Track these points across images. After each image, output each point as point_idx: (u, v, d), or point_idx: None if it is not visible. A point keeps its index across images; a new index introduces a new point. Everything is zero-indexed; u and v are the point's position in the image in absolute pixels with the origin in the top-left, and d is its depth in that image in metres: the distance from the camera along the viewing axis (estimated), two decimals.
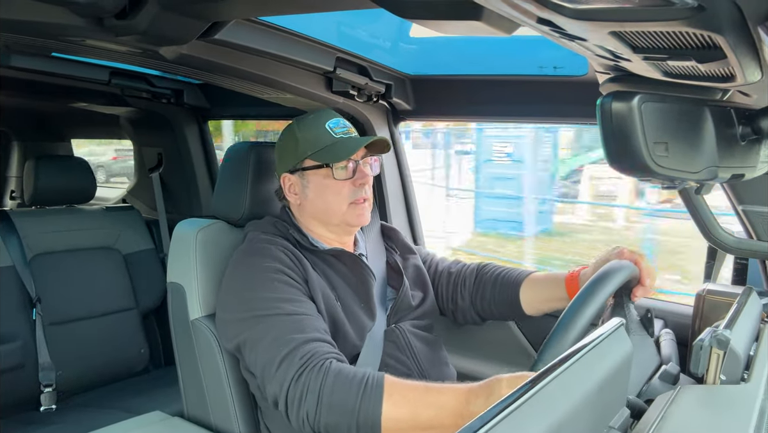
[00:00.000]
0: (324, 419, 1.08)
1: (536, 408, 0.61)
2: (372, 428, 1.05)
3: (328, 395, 1.08)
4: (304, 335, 1.17)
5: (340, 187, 1.35)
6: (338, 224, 1.38)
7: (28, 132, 3.51)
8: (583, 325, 1.04)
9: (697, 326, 1.51)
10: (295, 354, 1.13)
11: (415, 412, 1.04)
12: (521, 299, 1.46)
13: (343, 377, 1.09)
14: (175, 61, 1.49)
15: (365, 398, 1.06)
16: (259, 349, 1.19)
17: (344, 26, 1.73)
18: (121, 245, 2.58)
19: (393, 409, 1.05)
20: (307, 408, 1.09)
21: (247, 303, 1.25)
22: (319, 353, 1.14)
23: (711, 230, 1.52)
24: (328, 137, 1.35)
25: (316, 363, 1.12)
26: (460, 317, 1.57)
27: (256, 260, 1.30)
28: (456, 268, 1.59)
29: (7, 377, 2.09)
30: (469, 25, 0.84)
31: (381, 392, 1.06)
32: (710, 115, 0.84)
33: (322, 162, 1.34)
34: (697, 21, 0.53)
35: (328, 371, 1.10)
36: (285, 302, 1.22)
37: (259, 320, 1.21)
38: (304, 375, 1.10)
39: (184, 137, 2.72)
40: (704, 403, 0.94)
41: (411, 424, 1.05)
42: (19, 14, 1.18)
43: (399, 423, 1.05)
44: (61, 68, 1.97)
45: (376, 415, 1.05)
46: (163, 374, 2.52)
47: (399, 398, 1.06)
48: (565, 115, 1.80)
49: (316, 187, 1.37)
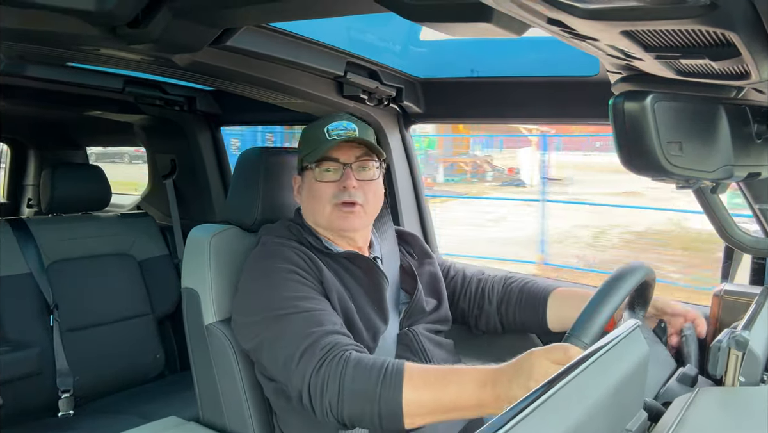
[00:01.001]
0: (346, 407, 1.08)
1: (551, 412, 0.61)
2: (394, 414, 1.05)
3: (349, 383, 1.08)
4: (323, 328, 1.18)
5: (324, 189, 1.34)
6: (326, 227, 1.38)
7: (44, 141, 3.56)
8: (617, 301, 1.06)
9: (714, 327, 1.49)
10: (316, 346, 1.14)
11: (436, 394, 1.04)
12: (548, 312, 1.45)
13: (363, 365, 1.09)
14: (187, 69, 1.50)
15: (385, 384, 1.06)
16: (279, 346, 1.19)
17: (354, 31, 1.74)
18: (136, 251, 2.60)
19: (414, 393, 1.05)
20: (329, 398, 1.09)
21: (263, 304, 1.25)
22: (340, 344, 1.15)
23: (728, 230, 1.51)
24: (321, 139, 1.34)
25: (336, 353, 1.12)
26: (482, 323, 1.57)
27: (270, 262, 1.30)
28: (484, 275, 1.60)
29: (25, 383, 2.11)
30: (478, 27, 0.84)
31: (401, 377, 1.06)
32: (725, 113, 0.83)
33: (307, 163, 1.37)
34: (710, 18, 0.52)
35: (348, 360, 1.10)
36: (301, 300, 1.23)
37: (277, 320, 1.22)
38: (325, 365, 1.11)
39: (197, 144, 2.74)
40: (723, 405, 0.93)
41: (433, 407, 1.04)
42: (34, 24, 1.20)
43: (421, 407, 1.05)
44: (76, 77, 2.00)
45: (397, 400, 1.04)
46: (178, 379, 2.54)
47: (420, 381, 1.06)
48: (576, 116, 1.79)
49: (307, 189, 1.39)
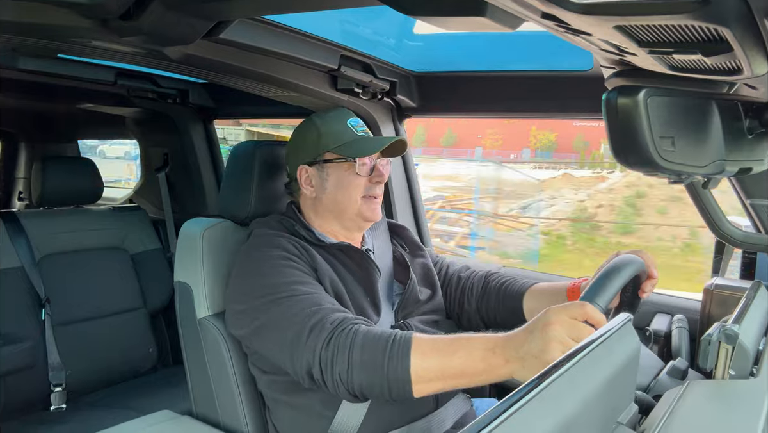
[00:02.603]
0: (356, 378, 1.09)
1: (544, 405, 0.61)
2: (403, 382, 1.06)
3: (357, 354, 1.09)
4: (327, 306, 1.20)
5: (359, 182, 1.39)
6: (352, 218, 1.41)
7: (35, 133, 3.53)
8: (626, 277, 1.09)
9: (705, 321, 1.50)
10: (325, 321, 1.15)
11: (444, 360, 1.05)
12: (525, 309, 1.47)
13: (372, 336, 1.11)
14: (180, 61, 1.49)
15: (393, 352, 1.07)
16: (283, 326, 1.20)
17: (348, 24, 1.73)
18: (129, 244, 2.59)
19: (422, 359, 1.06)
20: (339, 370, 1.10)
21: (260, 290, 1.25)
22: (348, 318, 1.16)
23: (719, 225, 1.52)
24: (350, 133, 1.40)
25: (345, 327, 1.13)
26: (465, 322, 1.58)
27: (264, 251, 1.31)
28: (465, 273, 1.60)
29: (17, 377, 2.10)
30: (473, 21, 0.84)
31: (409, 345, 1.07)
32: (717, 108, 0.84)
33: (346, 156, 1.39)
34: (703, 14, 0.53)
35: (357, 332, 1.12)
36: (298, 284, 1.24)
37: (276, 303, 1.22)
38: (334, 339, 1.12)
39: (190, 137, 2.73)
40: (713, 398, 0.93)
41: (441, 373, 1.05)
42: (25, 17, 1.19)
43: (429, 373, 1.05)
44: (67, 69, 1.98)
45: (404, 367, 1.06)
46: (171, 373, 2.53)
47: (427, 348, 1.07)
48: (570, 111, 1.80)
49: (336, 180, 1.40)
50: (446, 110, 2.06)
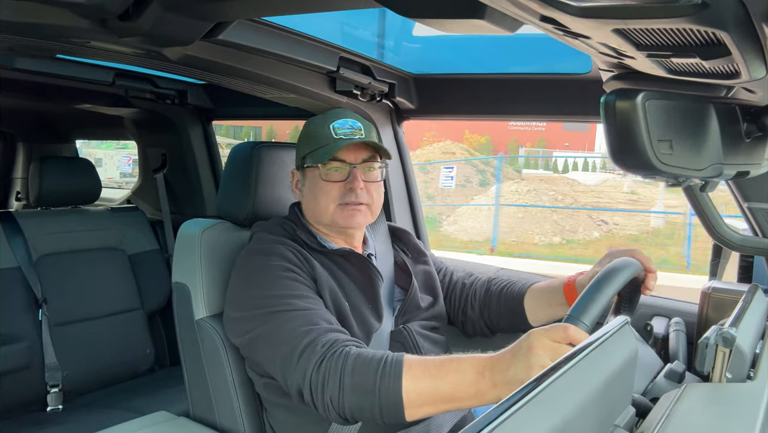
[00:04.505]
0: (347, 402, 1.08)
1: (541, 407, 0.61)
2: (394, 404, 1.05)
3: (348, 377, 1.08)
4: (321, 325, 1.18)
5: (329, 189, 1.34)
6: (329, 224, 1.38)
7: (32, 133, 3.53)
8: (615, 288, 1.08)
9: (702, 324, 1.50)
10: (316, 343, 1.13)
11: (435, 384, 1.04)
12: (526, 309, 1.46)
13: (363, 359, 1.09)
14: (179, 62, 1.49)
15: (385, 375, 1.06)
16: (276, 343, 1.19)
17: (347, 26, 1.73)
18: (126, 245, 2.59)
19: (413, 383, 1.05)
20: (330, 393, 1.09)
21: (257, 300, 1.24)
22: (340, 340, 1.15)
23: (716, 228, 1.52)
24: (327, 137, 1.34)
25: (336, 349, 1.12)
26: (470, 329, 1.57)
27: (263, 259, 1.30)
28: (469, 280, 1.60)
29: (13, 377, 2.10)
30: (472, 23, 0.84)
31: (400, 368, 1.06)
32: (715, 112, 0.84)
33: (313, 162, 1.34)
34: (701, 18, 0.53)
35: (348, 355, 1.10)
36: (296, 298, 1.22)
37: (272, 316, 1.21)
38: (325, 362, 1.11)
39: (189, 138, 2.73)
40: (710, 401, 0.93)
41: (433, 396, 1.04)
42: (24, 17, 1.18)
43: (420, 396, 1.05)
44: (66, 70, 1.98)
45: (396, 390, 1.04)
46: (168, 374, 2.53)
47: (419, 371, 1.06)
48: (568, 113, 1.80)
49: (310, 186, 1.37)
50: (445, 112, 2.06)
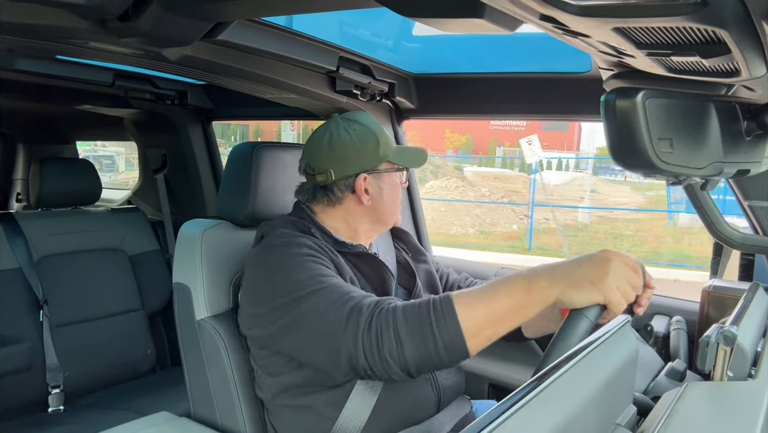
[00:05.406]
0: (408, 352, 1.06)
1: (543, 406, 0.61)
2: (456, 339, 1.04)
3: (402, 326, 1.07)
4: (359, 292, 1.17)
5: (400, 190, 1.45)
6: (387, 224, 1.46)
7: (32, 135, 3.53)
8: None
9: (703, 323, 1.50)
10: (360, 306, 1.12)
11: (488, 305, 1.05)
12: None
13: (411, 307, 1.09)
14: (178, 63, 1.49)
15: (438, 314, 1.05)
16: (315, 319, 1.16)
17: (347, 25, 1.73)
18: (127, 246, 2.59)
19: (468, 311, 1.05)
20: (387, 349, 1.07)
21: (286, 287, 1.21)
22: (383, 299, 1.14)
23: (717, 226, 1.52)
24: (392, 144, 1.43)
25: (382, 307, 1.11)
26: None
27: (283, 250, 1.27)
28: (465, 284, 1.60)
29: (14, 378, 2.10)
30: (471, 23, 0.84)
31: (451, 303, 1.06)
32: (715, 110, 0.84)
33: (404, 165, 1.43)
34: (701, 16, 0.53)
35: (395, 308, 1.10)
36: (326, 276, 1.21)
37: (306, 297, 1.18)
38: (374, 320, 1.09)
39: (189, 138, 2.73)
40: (711, 400, 0.93)
41: (490, 318, 1.05)
42: (23, 17, 1.18)
43: (478, 322, 1.05)
44: (65, 71, 1.98)
45: (454, 324, 1.04)
46: (169, 374, 2.53)
47: (470, 299, 1.06)
48: (568, 112, 1.80)
49: (390, 189, 1.41)
50: (445, 112, 2.06)
